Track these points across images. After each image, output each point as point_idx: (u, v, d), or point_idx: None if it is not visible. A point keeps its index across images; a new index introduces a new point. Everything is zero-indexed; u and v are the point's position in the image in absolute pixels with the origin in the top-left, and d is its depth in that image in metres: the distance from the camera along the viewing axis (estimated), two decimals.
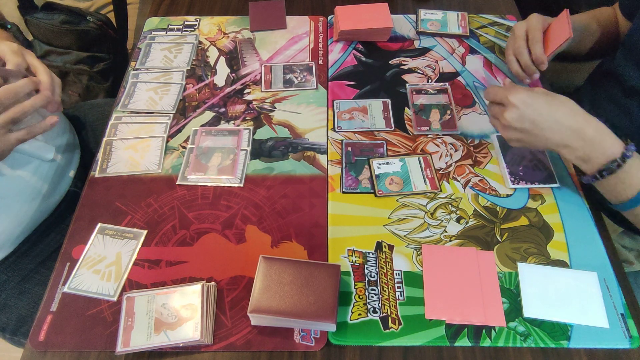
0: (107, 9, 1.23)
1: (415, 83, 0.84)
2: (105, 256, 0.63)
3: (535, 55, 0.75)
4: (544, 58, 0.74)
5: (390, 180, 0.70)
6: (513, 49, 0.79)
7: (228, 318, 0.58)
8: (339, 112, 0.79)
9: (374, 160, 0.72)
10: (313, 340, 0.56)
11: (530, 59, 0.77)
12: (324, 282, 0.55)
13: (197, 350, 0.56)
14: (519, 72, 0.79)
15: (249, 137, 0.76)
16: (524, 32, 0.77)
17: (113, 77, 1.24)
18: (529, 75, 0.78)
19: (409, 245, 0.64)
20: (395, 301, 0.59)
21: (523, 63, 0.77)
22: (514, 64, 0.79)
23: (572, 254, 0.63)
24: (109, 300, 0.59)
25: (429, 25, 0.92)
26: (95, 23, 1.14)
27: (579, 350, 0.56)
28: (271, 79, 0.85)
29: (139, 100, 0.81)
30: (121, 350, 0.54)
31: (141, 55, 0.89)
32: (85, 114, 0.95)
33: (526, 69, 0.78)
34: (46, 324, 0.57)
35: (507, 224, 0.66)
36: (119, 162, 0.73)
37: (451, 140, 0.76)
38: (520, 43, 0.77)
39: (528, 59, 0.77)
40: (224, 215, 0.67)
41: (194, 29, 0.94)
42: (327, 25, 0.95)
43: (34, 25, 1.12)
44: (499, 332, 0.57)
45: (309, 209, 0.67)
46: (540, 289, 0.60)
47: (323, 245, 0.64)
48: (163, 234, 0.65)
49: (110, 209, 0.67)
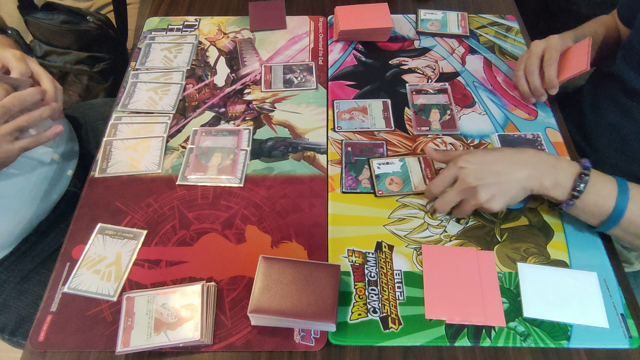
0: (107, 9, 1.23)
1: (415, 83, 0.84)
2: (105, 256, 0.63)
3: (549, 76, 0.73)
4: (556, 83, 0.72)
5: (390, 181, 0.70)
6: (525, 65, 0.76)
7: (228, 318, 0.58)
8: (339, 112, 0.79)
9: (373, 160, 0.72)
10: (313, 340, 0.56)
11: (539, 81, 0.74)
12: (324, 282, 0.55)
13: (197, 350, 0.56)
14: (525, 90, 0.77)
15: (249, 137, 0.76)
16: (541, 50, 0.75)
17: (113, 77, 1.24)
18: (535, 96, 0.77)
19: (409, 245, 0.64)
20: (395, 301, 0.59)
21: (532, 84, 0.76)
22: (522, 81, 0.77)
23: (572, 254, 0.63)
24: (108, 300, 0.59)
25: (429, 26, 0.92)
26: (95, 23, 1.14)
27: (579, 350, 0.56)
28: (271, 79, 0.85)
29: (139, 100, 0.81)
30: (121, 351, 0.54)
31: (141, 55, 0.89)
32: (85, 114, 0.95)
33: (534, 91, 0.76)
34: (46, 324, 0.57)
35: (507, 224, 0.66)
36: (119, 162, 0.73)
37: (451, 140, 0.76)
38: (533, 60, 0.75)
39: (538, 81, 0.75)
40: (224, 215, 0.67)
41: (194, 29, 0.94)
42: (327, 25, 0.95)
43: (33, 25, 1.12)
44: (498, 332, 0.57)
45: (309, 209, 0.67)
46: (540, 289, 0.60)
47: (323, 245, 0.64)
48: (163, 234, 0.65)
49: (110, 209, 0.67)
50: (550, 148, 0.74)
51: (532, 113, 0.79)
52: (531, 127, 0.76)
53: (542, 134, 0.75)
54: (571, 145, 0.75)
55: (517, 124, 0.78)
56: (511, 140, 0.74)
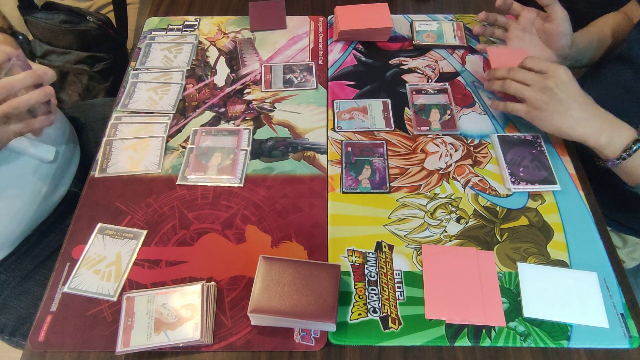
0: (107, 9, 1.23)
1: (415, 83, 0.84)
2: (105, 256, 0.63)
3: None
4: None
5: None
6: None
7: (228, 318, 0.58)
8: (339, 112, 0.79)
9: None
10: (313, 340, 0.56)
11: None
12: (324, 282, 0.55)
13: (197, 350, 0.56)
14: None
15: (249, 137, 0.76)
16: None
17: (113, 77, 1.24)
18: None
19: (409, 245, 0.64)
20: (395, 301, 0.59)
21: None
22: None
23: (572, 254, 0.63)
24: (109, 300, 0.59)
25: (425, 37, 0.91)
26: (95, 23, 1.14)
27: (579, 350, 0.56)
28: (271, 79, 0.85)
29: (139, 100, 0.81)
30: (121, 350, 0.54)
31: (141, 55, 0.89)
32: (85, 114, 0.95)
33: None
34: (46, 324, 0.57)
35: (507, 224, 0.66)
36: (119, 162, 0.73)
37: (451, 140, 0.76)
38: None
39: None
40: (224, 215, 0.67)
41: (194, 29, 0.94)
42: (327, 25, 0.95)
43: (34, 25, 1.12)
44: (498, 332, 0.57)
45: (309, 209, 0.67)
46: (540, 289, 0.60)
47: (323, 245, 0.64)
48: (163, 234, 0.65)
49: (110, 209, 0.67)
50: (550, 148, 0.74)
51: None
52: (531, 127, 0.76)
53: (542, 134, 0.75)
54: (571, 147, 0.75)
55: (517, 124, 0.78)
56: (510, 141, 0.74)
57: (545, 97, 0.67)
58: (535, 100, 0.68)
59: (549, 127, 0.68)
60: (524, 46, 0.84)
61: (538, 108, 0.68)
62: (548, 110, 0.67)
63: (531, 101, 0.68)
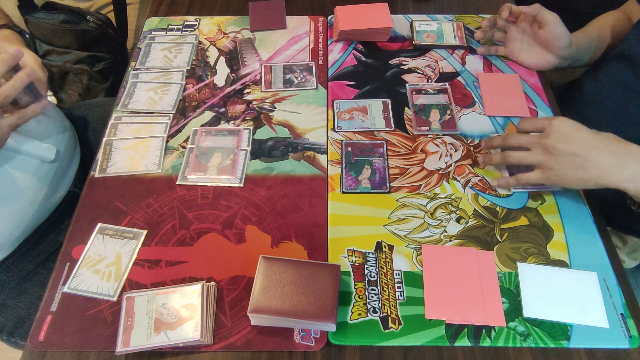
0: (107, 9, 1.23)
1: (415, 83, 0.84)
2: (105, 256, 0.63)
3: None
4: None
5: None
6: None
7: (228, 318, 0.58)
8: (339, 112, 0.79)
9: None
10: (313, 340, 0.56)
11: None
12: (324, 282, 0.55)
13: (197, 350, 0.56)
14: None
15: (249, 137, 0.76)
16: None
17: (113, 77, 1.24)
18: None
19: (409, 245, 0.64)
20: (395, 301, 0.59)
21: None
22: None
23: (572, 254, 0.63)
24: (108, 300, 0.59)
25: (425, 37, 0.91)
26: (95, 23, 1.14)
27: (579, 350, 0.56)
28: (271, 79, 0.85)
29: (139, 100, 0.81)
30: (121, 350, 0.54)
31: (141, 55, 0.89)
32: (86, 114, 0.95)
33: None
34: (46, 324, 0.57)
35: (507, 224, 0.66)
36: (119, 162, 0.73)
37: (451, 140, 0.76)
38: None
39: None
40: (224, 215, 0.67)
41: (194, 29, 0.94)
42: (327, 25, 0.95)
43: (34, 24, 1.12)
44: (498, 332, 0.57)
45: (309, 209, 0.67)
46: (540, 289, 0.60)
47: (323, 245, 0.64)
48: (163, 234, 0.65)
49: (110, 209, 0.67)
50: None
51: (531, 113, 0.79)
52: None
53: None
54: None
55: (517, 124, 0.77)
56: None
57: (553, 157, 0.60)
58: (544, 162, 0.61)
59: (579, 183, 0.60)
60: (522, 47, 0.84)
61: (552, 168, 0.60)
62: (564, 166, 0.59)
63: (541, 164, 0.62)
